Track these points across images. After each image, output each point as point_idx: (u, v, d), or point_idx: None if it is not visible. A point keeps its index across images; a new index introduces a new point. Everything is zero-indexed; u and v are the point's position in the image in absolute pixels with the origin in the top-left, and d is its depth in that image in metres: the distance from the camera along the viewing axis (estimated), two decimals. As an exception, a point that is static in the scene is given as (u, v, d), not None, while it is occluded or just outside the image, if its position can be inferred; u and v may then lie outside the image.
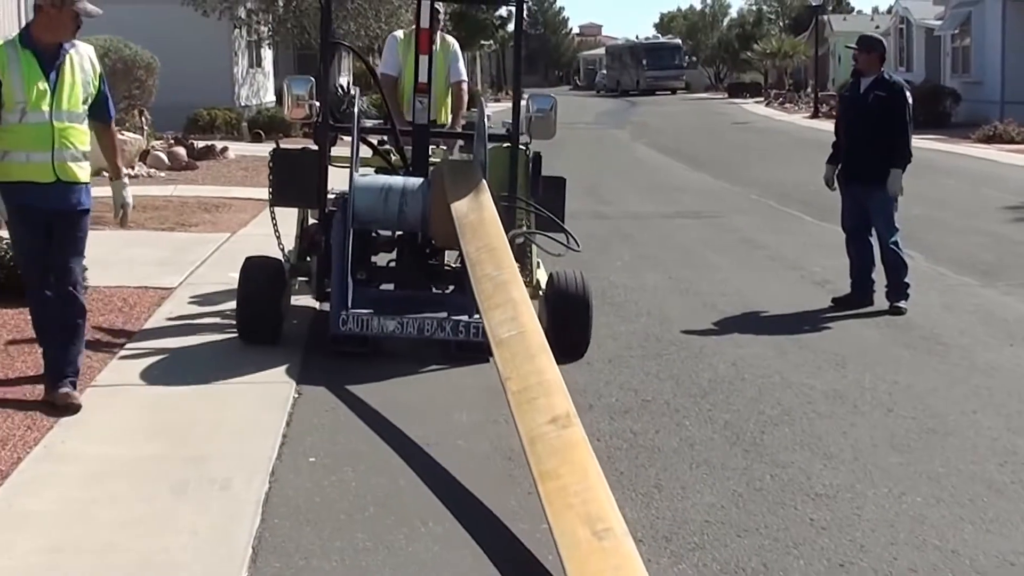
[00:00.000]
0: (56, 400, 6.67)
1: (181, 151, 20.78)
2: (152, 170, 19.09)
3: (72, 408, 6.62)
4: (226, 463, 5.94)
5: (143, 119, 21.89)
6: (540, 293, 8.59)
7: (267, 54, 36.59)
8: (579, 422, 5.43)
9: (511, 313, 6.51)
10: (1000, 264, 12.60)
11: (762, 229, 15.14)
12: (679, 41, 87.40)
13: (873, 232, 10.29)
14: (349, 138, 8.89)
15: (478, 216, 7.68)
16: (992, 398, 7.54)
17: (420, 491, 5.71)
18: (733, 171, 23.23)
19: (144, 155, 19.42)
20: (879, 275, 10.24)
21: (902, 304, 10.03)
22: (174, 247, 12.27)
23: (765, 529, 5.35)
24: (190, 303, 9.57)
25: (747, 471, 6.11)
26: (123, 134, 19.03)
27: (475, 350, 7.78)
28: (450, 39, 10.27)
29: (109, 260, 9.93)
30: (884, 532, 5.33)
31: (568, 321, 8.14)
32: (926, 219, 15.93)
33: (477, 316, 7.34)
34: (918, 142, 30.40)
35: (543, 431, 5.30)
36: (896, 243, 10.21)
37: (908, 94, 10.31)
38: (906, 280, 10.14)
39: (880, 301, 10.10)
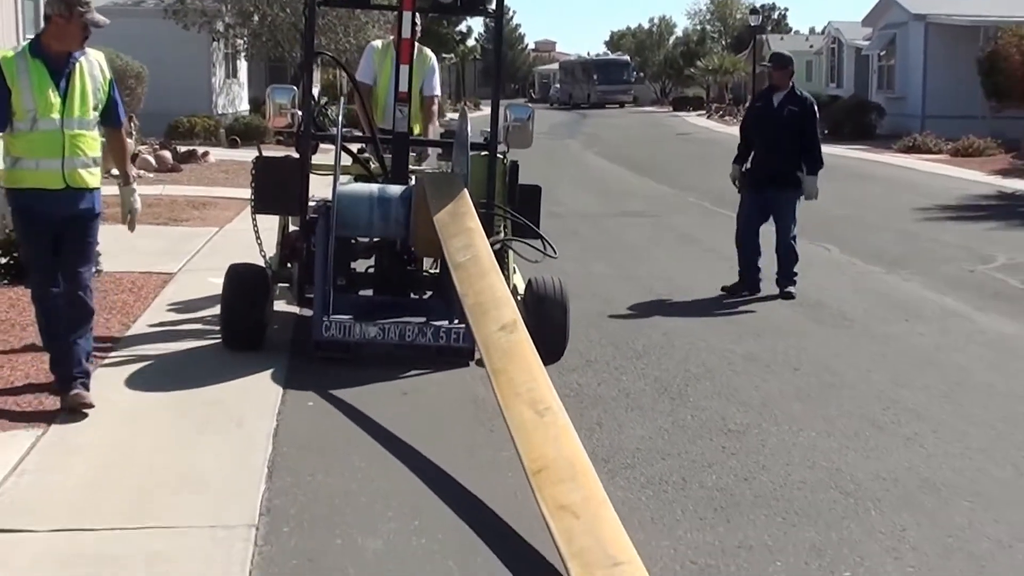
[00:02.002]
0: (69, 402, 6.48)
1: (167, 155, 21.49)
2: (141, 172, 19.79)
3: (85, 407, 6.47)
4: (238, 407, 6.74)
5: (132, 125, 22.56)
6: (518, 298, 8.22)
7: (242, 65, 37.18)
8: (524, 328, 6.32)
9: (466, 240, 7.31)
10: (905, 256, 13.52)
11: (698, 227, 15.96)
12: (628, 58, 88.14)
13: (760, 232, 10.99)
14: (327, 146, 8.89)
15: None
16: (885, 361, 8.44)
17: (404, 426, 6.53)
18: (674, 177, 24.07)
19: (134, 158, 20.13)
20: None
21: (792, 289, 10.74)
22: (171, 239, 12.98)
23: (685, 454, 6.24)
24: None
25: (672, 413, 7.00)
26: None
27: (456, 355, 7.72)
28: (427, 51, 9.99)
29: (116, 249, 10.60)
30: (782, 456, 6.23)
31: (546, 325, 7.83)
32: (846, 218, 16.88)
33: (457, 321, 7.59)
34: (846, 152, 31.72)
35: (495, 337, 6.20)
36: (794, 238, 10.94)
37: (816, 107, 11.03)
38: (795, 269, 10.88)
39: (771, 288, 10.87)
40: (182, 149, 23.10)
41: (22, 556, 4.66)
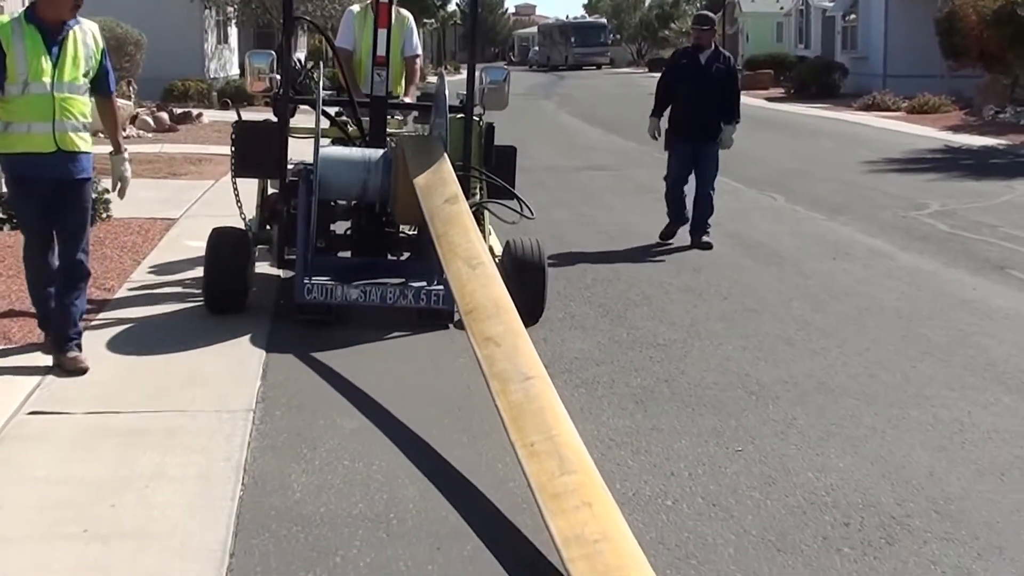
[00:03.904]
0: (64, 364, 6.57)
1: (164, 116, 22.38)
2: (141, 132, 20.76)
3: (80, 371, 6.53)
4: (237, 327, 7.58)
5: (131, 88, 23.41)
6: (496, 260, 7.81)
7: (233, 32, 37.84)
8: (464, 200, 7.20)
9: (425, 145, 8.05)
10: (846, 204, 14.29)
11: (655, 178, 16.03)
12: (604, 21, 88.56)
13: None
14: (307, 110, 8.77)
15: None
16: (807, 291, 9.32)
17: (378, 341, 7.44)
18: (640, 133, 24.40)
19: (133, 119, 21.07)
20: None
21: (708, 238, 11.15)
22: (171, 190, 13.92)
23: (616, 362, 7.16)
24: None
25: (610, 331, 7.91)
26: (117, 101, 20.57)
27: (436, 317, 7.72)
28: (405, 13, 9.79)
29: (124, 200, 11.49)
30: (700, 364, 7.15)
31: (524, 287, 7.61)
32: (796, 171, 17.74)
33: (437, 283, 7.60)
34: (806, 109, 32.41)
35: (440, 208, 7.08)
36: (714, 188, 11.40)
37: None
38: (709, 219, 11.31)
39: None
40: (178, 111, 23.87)
41: (65, 430, 5.62)
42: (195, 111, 24.56)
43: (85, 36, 6.62)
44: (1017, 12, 27.18)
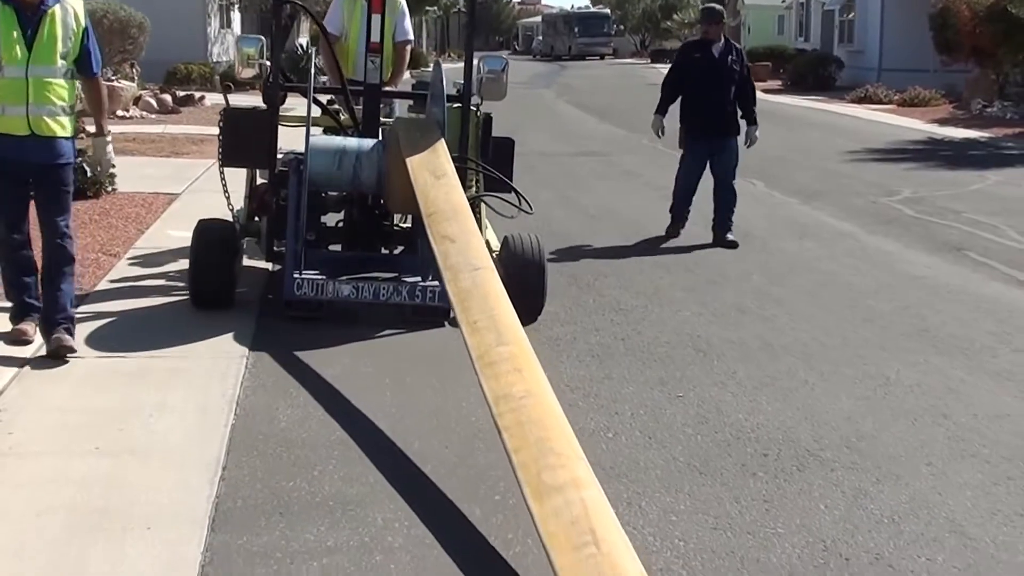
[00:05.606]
0: (51, 347, 6.47)
1: (167, 98, 23.12)
2: (144, 113, 21.47)
3: (67, 352, 6.45)
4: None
5: (134, 71, 24.14)
6: (494, 255, 7.54)
7: (236, 16, 38.53)
8: (438, 131, 7.64)
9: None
10: (821, 190, 14.94)
11: (644, 165, 17.19)
12: (608, 11, 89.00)
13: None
14: (297, 97, 8.74)
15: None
16: (769, 267, 9.99)
17: (367, 315, 7.92)
18: (634, 122, 24.95)
19: (137, 100, 21.80)
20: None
21: (733, 236, 10.84)
22: (174, 167, 14.65)
23: (580, 324, 7.86)
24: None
25: (577, 298, 8.60)
26: (121, 83, 21.31)
27: (431, 314, 7.51)
28: None
29: (129, 175, 12.30)
30: (657, 327, 7.84)
31: (523, 284, 7.45)
32: (779, 159, 18.28)
33: (431, 279, 7.38)
34: (799, 101, 33.00)
35: (414, 137, 7.57)
36: (735, 184, 11.18)
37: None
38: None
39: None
40: (181, 93, 24.59)
41: (77, 370, 6.36)
42: (197, 94, 25.25)
43: (66, 15, 6.42)
44: (1008, 10, 27.79)
